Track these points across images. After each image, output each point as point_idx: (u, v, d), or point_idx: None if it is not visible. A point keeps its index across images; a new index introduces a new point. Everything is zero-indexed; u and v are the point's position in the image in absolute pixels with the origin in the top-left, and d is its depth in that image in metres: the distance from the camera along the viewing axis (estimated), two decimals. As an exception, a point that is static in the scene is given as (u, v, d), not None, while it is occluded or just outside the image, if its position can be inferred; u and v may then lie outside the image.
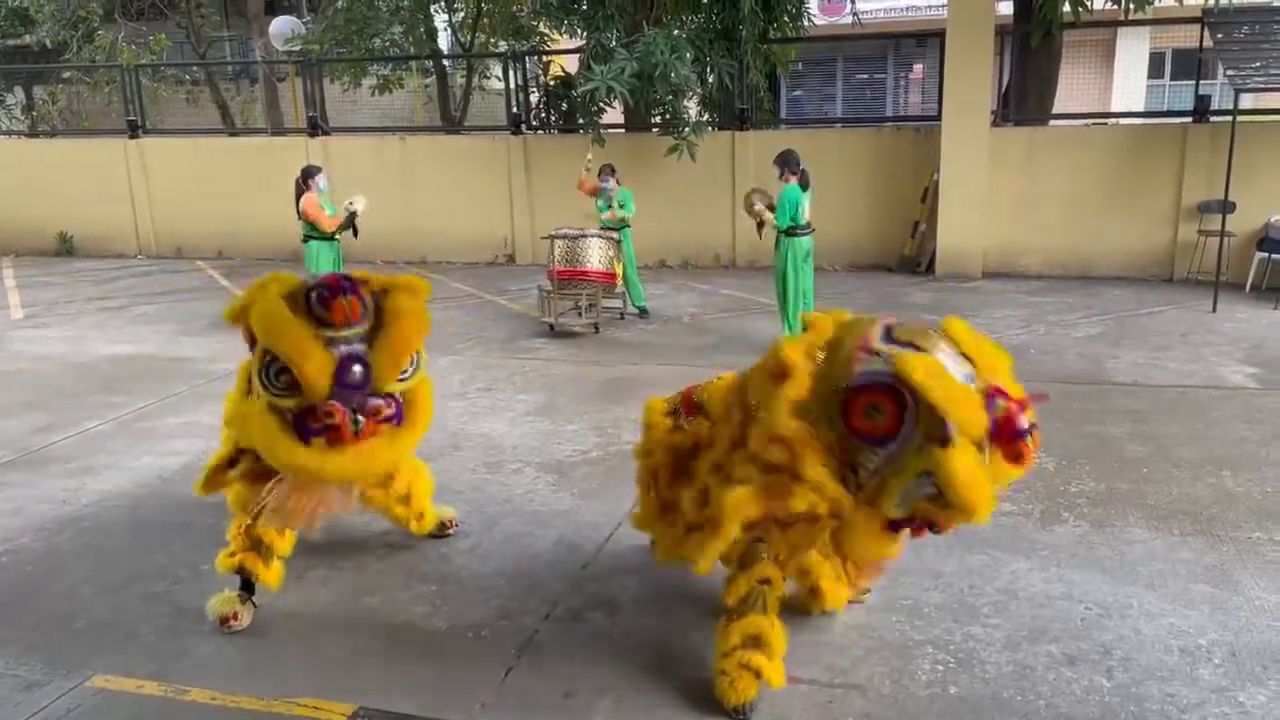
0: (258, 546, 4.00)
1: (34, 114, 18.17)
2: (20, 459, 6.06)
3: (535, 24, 15.46)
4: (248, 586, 4.04)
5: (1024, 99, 12.28)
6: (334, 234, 9.02)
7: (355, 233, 9.16)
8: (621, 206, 9.66)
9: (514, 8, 15.71)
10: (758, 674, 3.30)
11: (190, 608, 4.13)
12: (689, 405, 3.78)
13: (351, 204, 9.02)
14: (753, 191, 8.75)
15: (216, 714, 3.42)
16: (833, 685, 3.49)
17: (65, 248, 15.27)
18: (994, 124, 11.69)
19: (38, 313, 10.79)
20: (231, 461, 3.99)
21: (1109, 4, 11.73)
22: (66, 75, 17.49)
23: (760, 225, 8.52)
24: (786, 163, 8.15)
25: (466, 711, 3.39)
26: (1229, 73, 9.53)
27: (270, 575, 4.04)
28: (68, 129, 17.73)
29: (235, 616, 3.96)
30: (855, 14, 14.13)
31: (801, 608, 3.77)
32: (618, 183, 9.77)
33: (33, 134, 17.60)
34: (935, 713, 3.32)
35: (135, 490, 5.50)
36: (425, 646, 3.82)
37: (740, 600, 3.38)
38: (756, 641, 3.34)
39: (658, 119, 12.92)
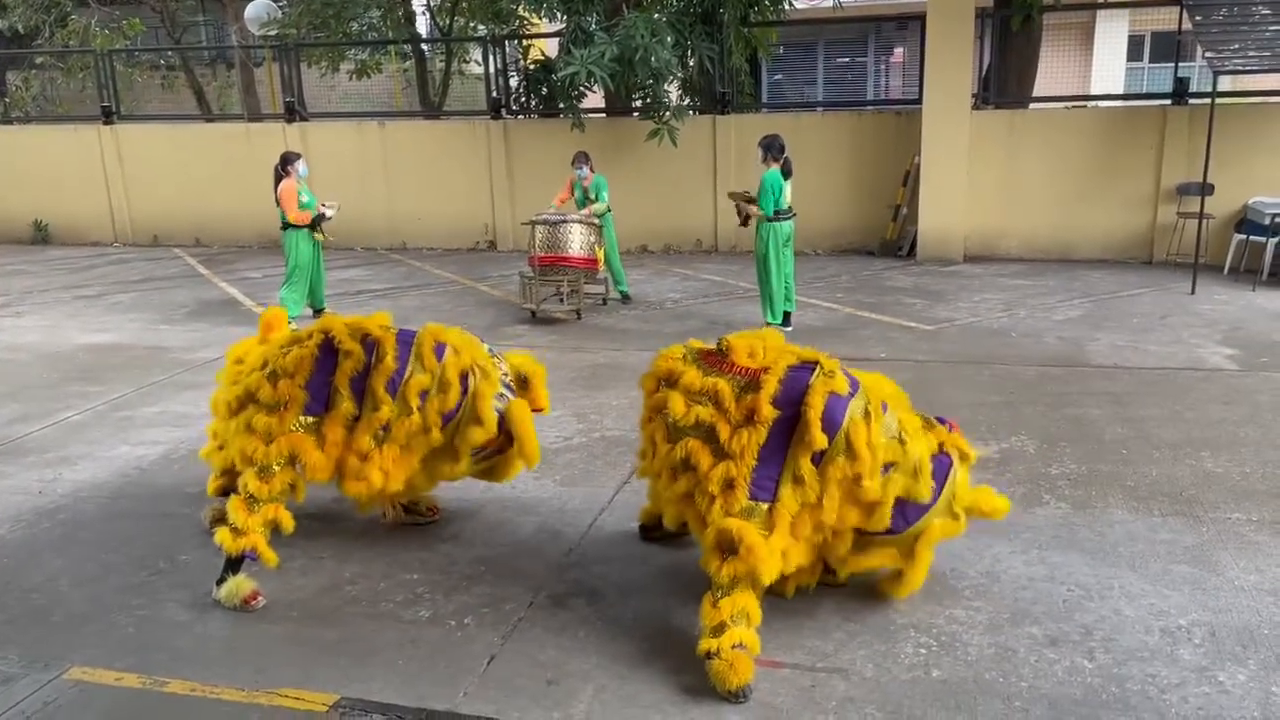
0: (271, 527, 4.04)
1: (7, 100, 17.92)
2: (-5, 450, 5.99)
3: (514, 7, 15.33)
4: (234, 567, 4.01)
5: (1004, 82, 12.30)
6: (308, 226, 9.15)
7: (316, 227, 9.22)
8: (596, 199, 9.61)
9: (493, -9, 15.58)
10: (749, 651, 3.35)
11: (169, 599, 4.10)
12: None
13: (327, 206, 9.23)
14: (732, 194, 8.74)
15: (197, 705, 3.39)
16: (815, 669, 3.49)
17: (40, 236, 15.10)
18: (975, 107, 11.70)
19: (12, 301, 10.66)
20: None
21: (1088, -14, 11.75)
22: (39, 61, 17.26)
23: (746, 217, 8.46)
24: (769, 148, 8.12)
25: (449, 700, 3.37)
26: (1208, 55, 9.56)
27: (272, 554, 4.04)
28: (41, 115, 17.52)
29: (256, 595, 4.00)
30: (836, -4, 14.07)
31: (779, 591, 3.77)
32: (592, 170, 9.71)
33: (6, 121, 17.35)
34: (918, 696, 3.32)
35: (112, 480, 5.45)
36: (407, 635, 3.79)
37: (731, 578, 3.42)
38: (746, 617, 3.41)
39: (638, 103, 12.86)
